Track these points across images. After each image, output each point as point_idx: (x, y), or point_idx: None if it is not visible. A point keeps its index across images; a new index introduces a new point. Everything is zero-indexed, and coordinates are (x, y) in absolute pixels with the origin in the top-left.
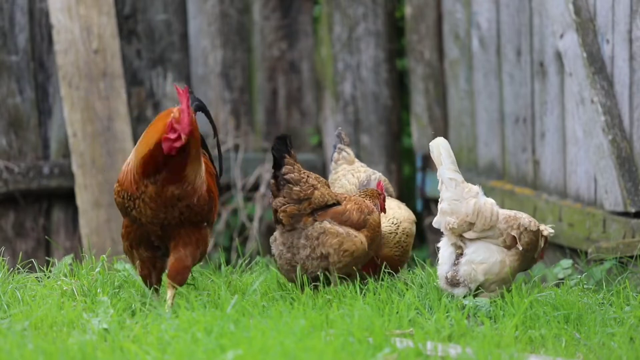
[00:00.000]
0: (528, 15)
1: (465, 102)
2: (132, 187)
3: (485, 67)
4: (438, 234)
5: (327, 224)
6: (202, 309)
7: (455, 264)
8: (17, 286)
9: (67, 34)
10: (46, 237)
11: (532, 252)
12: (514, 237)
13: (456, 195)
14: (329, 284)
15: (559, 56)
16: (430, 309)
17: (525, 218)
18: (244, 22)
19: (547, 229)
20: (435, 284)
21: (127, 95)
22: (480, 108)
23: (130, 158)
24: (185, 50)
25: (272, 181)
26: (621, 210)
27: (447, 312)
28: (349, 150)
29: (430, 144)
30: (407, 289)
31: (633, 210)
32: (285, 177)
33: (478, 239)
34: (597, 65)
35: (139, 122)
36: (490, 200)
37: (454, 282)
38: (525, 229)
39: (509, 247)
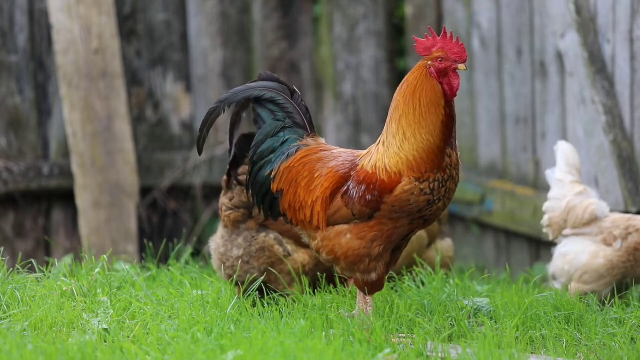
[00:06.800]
0: (528, 14)
1: (466, 102)
2: (439, 163)
3: (486, 66)
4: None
5: (270, 239)
6: (201, 309)
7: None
8: (16, 286)
9: (67, 33)
10: (46, 237)
11: None
12: (615, 235)
13: (559, 195)
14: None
15: (559, 56)
16: (430, 310)
17: None
18: (243, 22)
19: None
20: (434, 283)
21: (126, 95)
22: (480, 108)
23: (391, 138)
24: (185, 50)
25: (225, 177)
26: (622, 210)
27: (447, 313)
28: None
29: (555, 145)
30: (408, 289)
31: (634, 210)
32: (239, 178)
33: (574, 235)
34: (598, 65)
35: (138, 122)
36: (592, 201)
37: (553, 277)
38: (637, 229)
39: (609, 245)
